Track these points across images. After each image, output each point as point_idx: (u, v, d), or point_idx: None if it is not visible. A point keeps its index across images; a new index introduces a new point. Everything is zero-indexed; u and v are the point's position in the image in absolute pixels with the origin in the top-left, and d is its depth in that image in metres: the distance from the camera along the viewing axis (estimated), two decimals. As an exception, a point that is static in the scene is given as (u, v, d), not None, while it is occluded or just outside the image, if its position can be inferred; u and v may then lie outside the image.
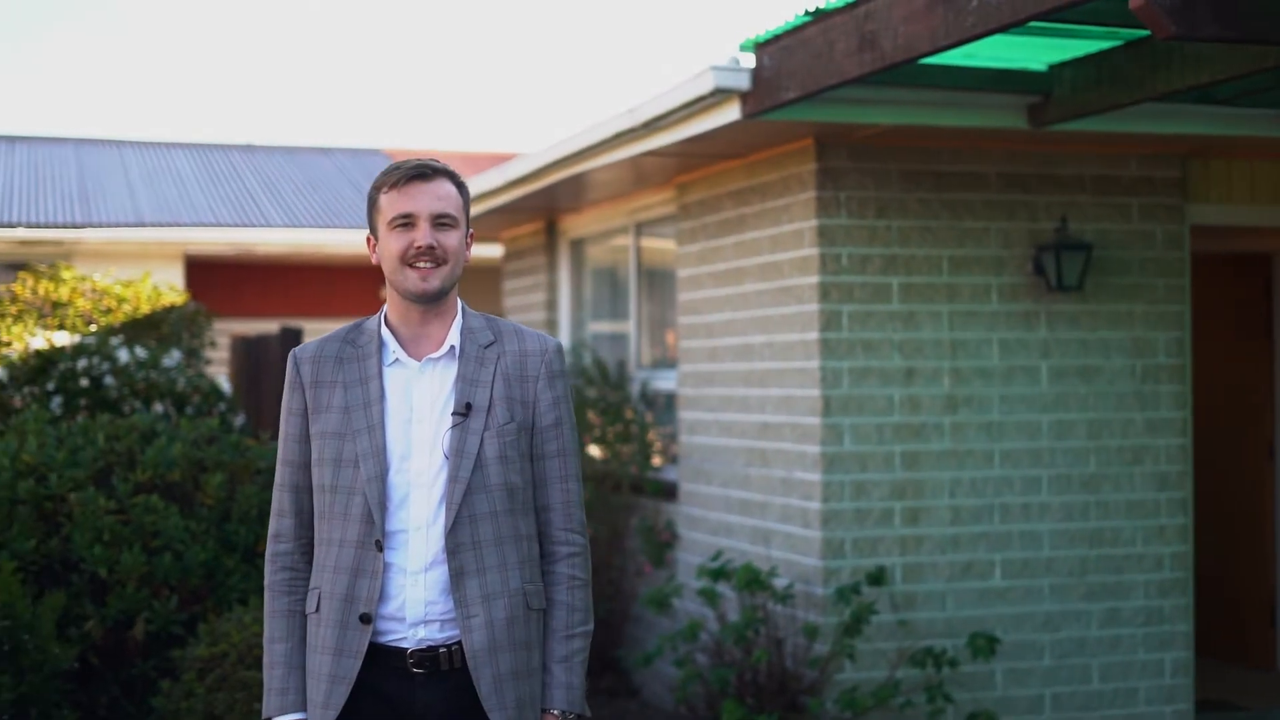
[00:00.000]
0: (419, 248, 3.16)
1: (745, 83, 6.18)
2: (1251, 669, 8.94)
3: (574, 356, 9.55)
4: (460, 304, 3.29)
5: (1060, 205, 7.12)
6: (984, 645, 6.55)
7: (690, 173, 7.95)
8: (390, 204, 3.19)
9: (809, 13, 5.72)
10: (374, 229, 3.25)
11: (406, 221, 3.17)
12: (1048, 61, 6.18)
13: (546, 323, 10.21)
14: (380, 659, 3.13)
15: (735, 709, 6.42)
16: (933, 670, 6.65)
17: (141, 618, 6.12)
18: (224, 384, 10.31)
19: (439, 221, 3.18)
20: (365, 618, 3.11)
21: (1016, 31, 5.37)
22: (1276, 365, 8.96)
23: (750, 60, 6.20)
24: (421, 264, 3.16)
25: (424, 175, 3.19)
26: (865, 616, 6.44)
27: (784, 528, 7.04)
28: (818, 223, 6.76)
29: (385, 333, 3.24)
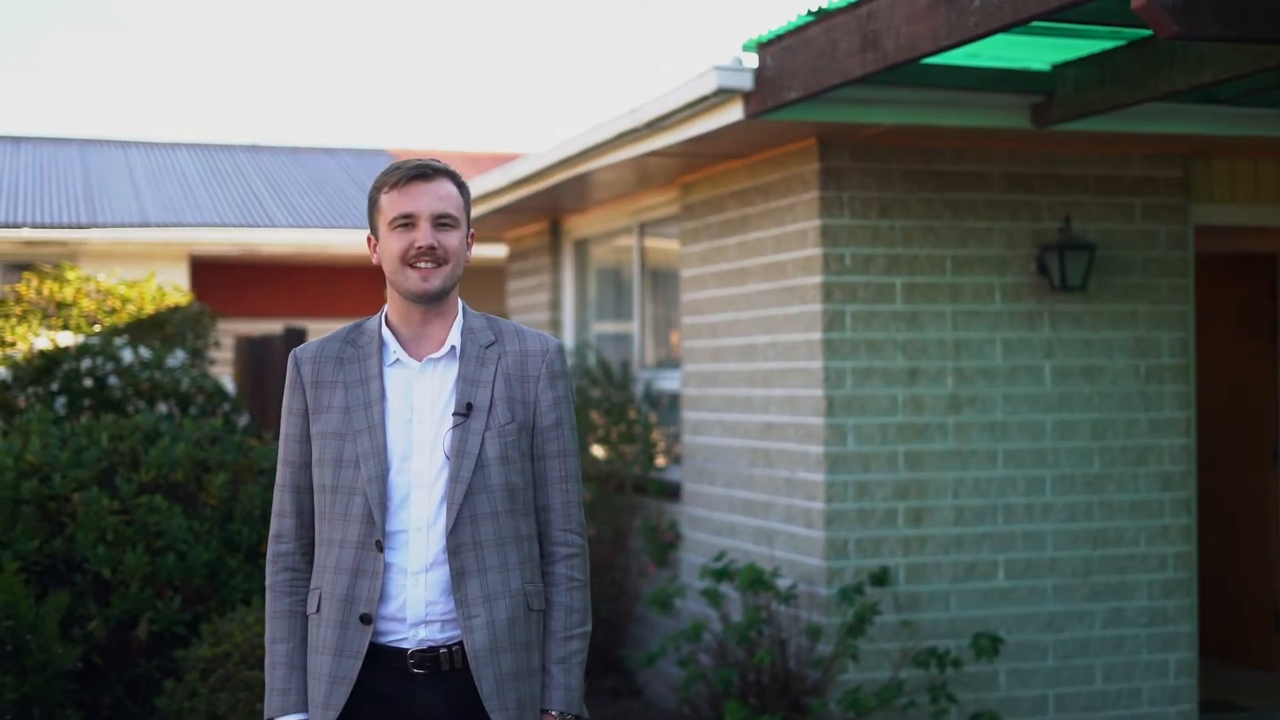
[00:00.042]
0: (420, 248, 3.15)
1: (748, 83, 6.17)
2: (1255, 669, 8.92)
3: (578, 357, 9.55)
4: (461, 304, 3.29)
5: (1063, 205, 7.11)
6: (987, 646, 6.55)
7: (694, 173, 7.95)
8: (391, 204, 3.18)
9: (811, 12, 5.72)
10: (374, 229, 3.25)
11: (407, 222, 3.17)
12: (1051, 61, 6.18)
13: (550, 323, 10.21)
14: (381, 659, 3.13)
15: (738, 709, 6.42)
16: (936, 671, 6.64)
17: (145, 618, 6.12)
18: (228, 384, 10.32)
19: (440, 222, 3.18)
20: (366, 618, 3.10)
21: (1019, 31, 5.36)
22: (1281, 365, 8.96)
23: (753, 60, 6.19)
24: (422, 264, 3.16)
25: (425, 175, 3.19)
26: (868, 617, 6.44)
27: (787, 528, 7.03)
28: (821, 223, 6.75)
29: (386, 333, 3.23)
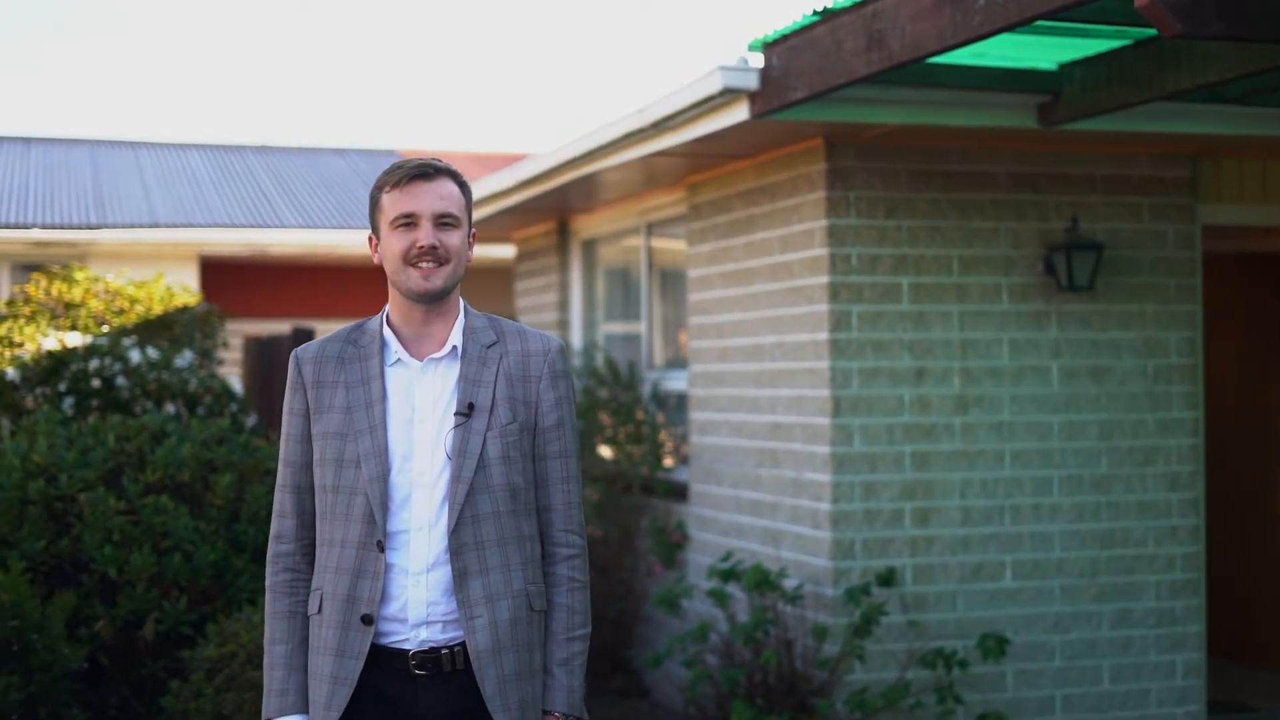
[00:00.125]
0: (421, 247, 3.15)
1: (753, 83, 6.17)
2: (1263, 669, 8.91)
3: (585, 357, 9.54)
4: (463, 304, 3.29)
5: (1070, 205, 7.10)
6: (994, 646, 6.53)
7: (700, 173, 7.94)
8: (392, 203, 3.18)
9: (817, 12, 5.71)
10: (376, 229, 3.25)
11: (409, 221, 3.16)
12: (1057, 61, 6.16)
13: (558, 323, 10.21)
14: (382, 660, 3.12)
15: (745, 710, 6.41)
16: (943, 671, 6.63)
17: (151, 618, 6.13)
18: (236, 385, 10.32)
19: (441, 221, 3.17)
20: (367, 619, 3.10)
21: (1025, 31, 5.35)
22: (1290, 365, 8.94)
23: (758, 60, 6.19)
24: (424, 264, 3.16)
25: (426, 175, 3.18)
26: (875, 617, 6.43)
27: (794, 528, 7.03)
28: (827, 223, 6.75)
29: (387, 333, 3.23)
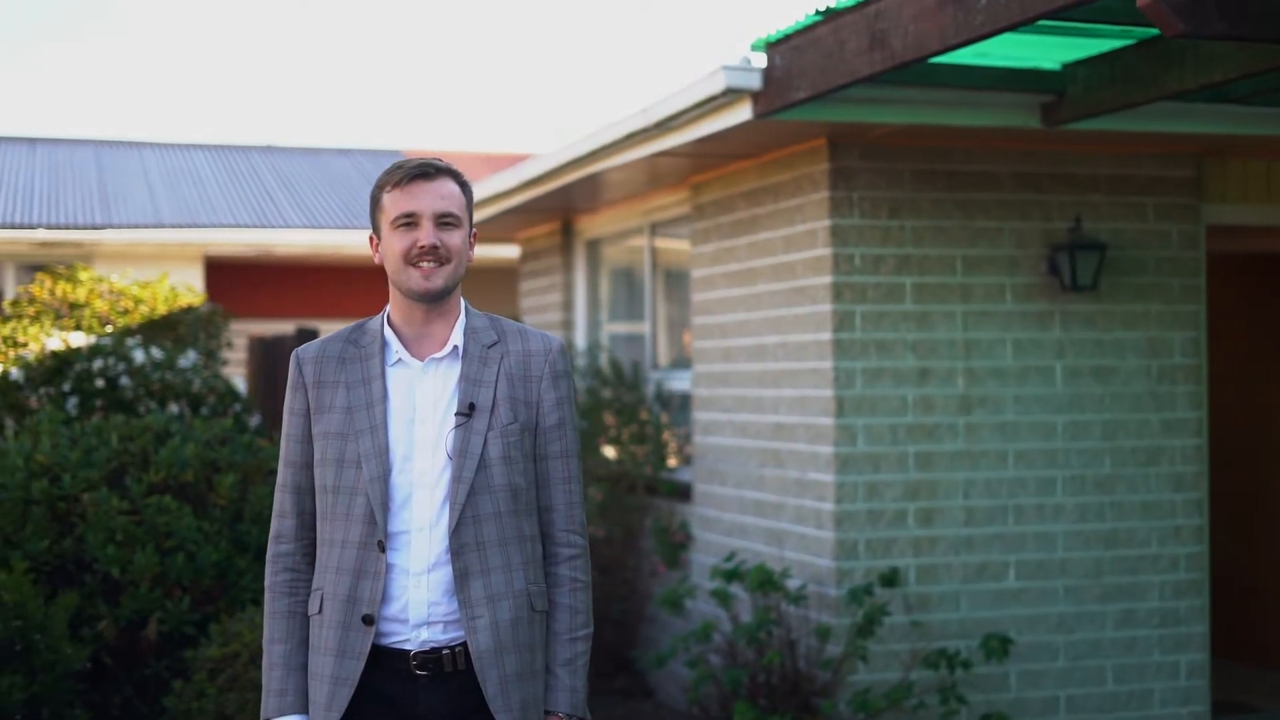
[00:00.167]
0: (422, 247, 3.14)
1: (756, 82, 6.16)
2: (1268, 670, 8.89)
3: (589, 357, 9.54)
4: (464, 303, 3.28)
5: (1074, 205, 7.09)
6: (998, 647, 6.53)
7: (704, 173, 7.94)
8: (393, 203, 3.18)
9: (819, 12, 5.71)
10: (377, 228, 3.24)
11: (410, 221, 3.16)
12: (1061, 60, 6.15)
13: (562, 323, 10.20)
14: (383, 661, 3.12)
15: (748, 710, 6.41)
16: (946, 672, 6.62)
17: (154, 618, 6.13)
18: (240, 385, 10.33)
19: (442, 221, 3.17)
20: (368, 619, 3.09)
21: (1028, 30, 5.35)
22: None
23: (761, 60, 6.18)
24: (425, 263, 3.15)
25: (427, 174, 3.18)
26: (878, 618, 6.42)
27: (797, 529, 7.02)
28: (830, 223, 6.74)
29: (388, 333, 3.22)
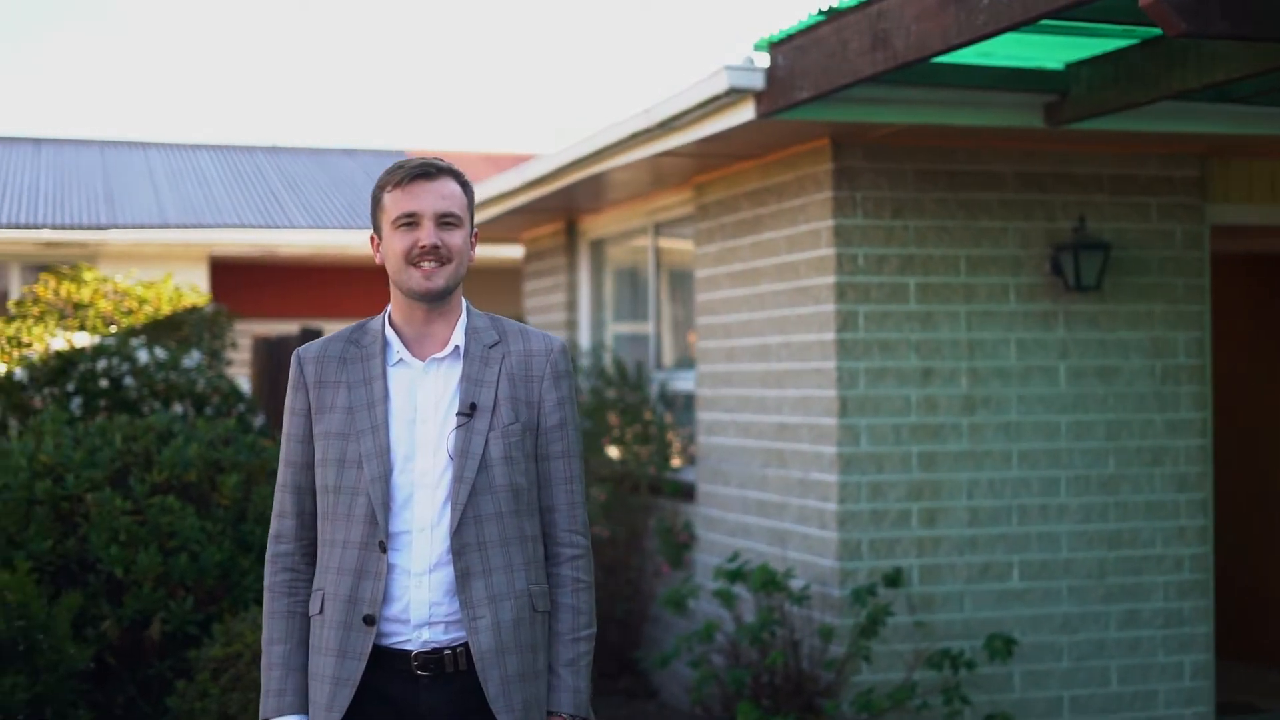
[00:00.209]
0: (423, 247, 3.14)
1: (759, 82, 6.15)
2: (1272, 670, 8.88)
3: (593, 357, 9.54)
4: (465, 303, 3.27)
5: (1078, 205, 7.08)
6: (1001, 647, 6.52)
7: (708, 173, 7.94)
8: (394, 203, 3.17)
9: (822, 12, 5.70)
10: (378, 228, 3.23)
11: (411, 221, 3.15)
12: (1064, 60, 6.14)
13: (566, 323, 10.20)
14: (384, 661, 3.11)
15: (751, 710, 6.40)
16: (950, 672, 6.62)
17: (158, 618, 6.13)
18: (244, 385, 10.33)
19: (443, 221, 3.16)
20: (369, 619, 3.09)
21: (1031, 30, 5.34)
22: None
23: (764, 60, 6.17)
24: (426, 263, 3.14)
25: (428, 174, 3.17)
26: (881, 618, 6.42)
27: (801, 529, 7.02)
28: (834, 223, 6.74)
29: (389, 333, 3.22)
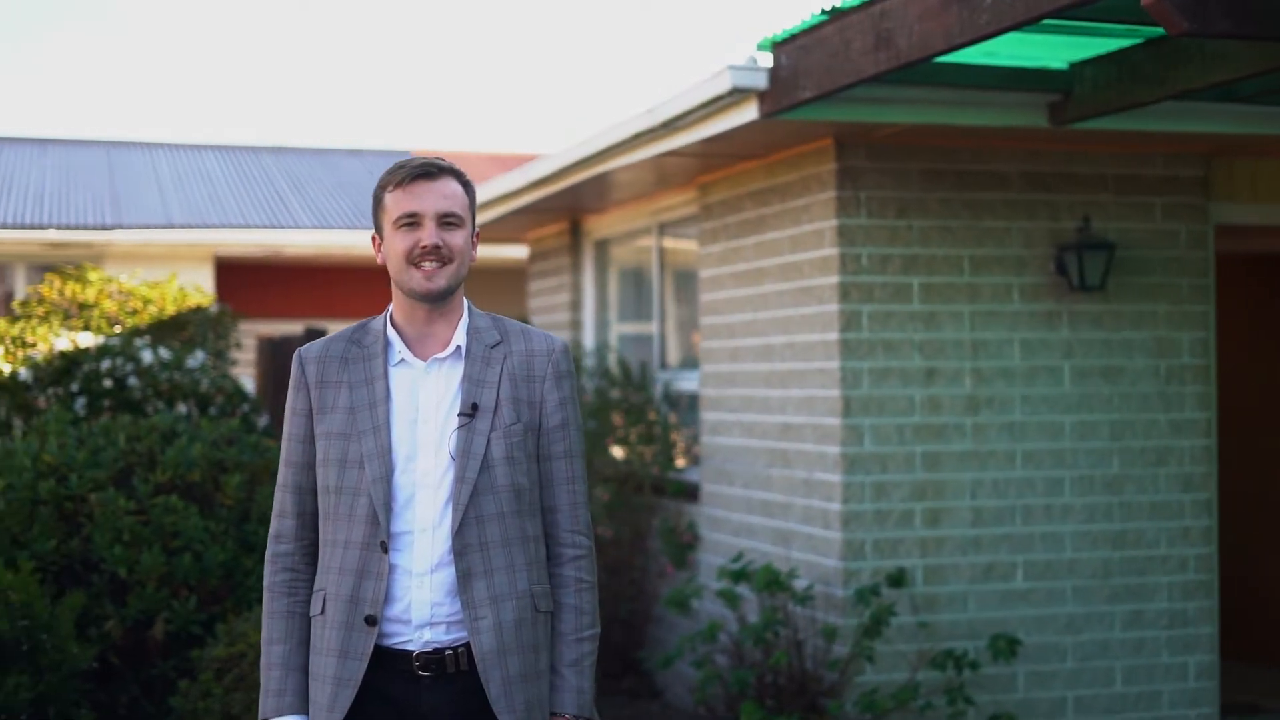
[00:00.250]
0: (425, 247, 3.13)
1: (762, 82, 6.15)
2: (1277, 671, 8.87)
3: (598, 358, 9.54)
4: (466, 304, 3.27)
5: (1082, 204, 7.07)
6: (1005, 647, 6.52)
7: (711, 173, 7.93)
8: (395, 203, 3.17)
9: (825, 11, 5.70)
10: (379, 228, 3.23)
11: (412, 221, 3.15)
12: (1068, 59, 6.13)
13: (571, 324, 10.20)
14: (386, 662, 3.11)
15: (754, 710, 6.40)
16: (953, 672, 6.61)
17: (161, 618, 6.14)
18: (248, 385, 10.33)
19: (445, 221, 3.16)
20: (370, 620, 3.08)
21: (1035, 29, 5.33)
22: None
23: (768, 59, 6.17)
24: (427, 263, 3.14)
25: (429, 174, 3.17)
26: (885, 618, 6.41)
27: (805, 529, 7.01)
28: (837, 223, 6.73)
29: (391, 333, 3.21)
